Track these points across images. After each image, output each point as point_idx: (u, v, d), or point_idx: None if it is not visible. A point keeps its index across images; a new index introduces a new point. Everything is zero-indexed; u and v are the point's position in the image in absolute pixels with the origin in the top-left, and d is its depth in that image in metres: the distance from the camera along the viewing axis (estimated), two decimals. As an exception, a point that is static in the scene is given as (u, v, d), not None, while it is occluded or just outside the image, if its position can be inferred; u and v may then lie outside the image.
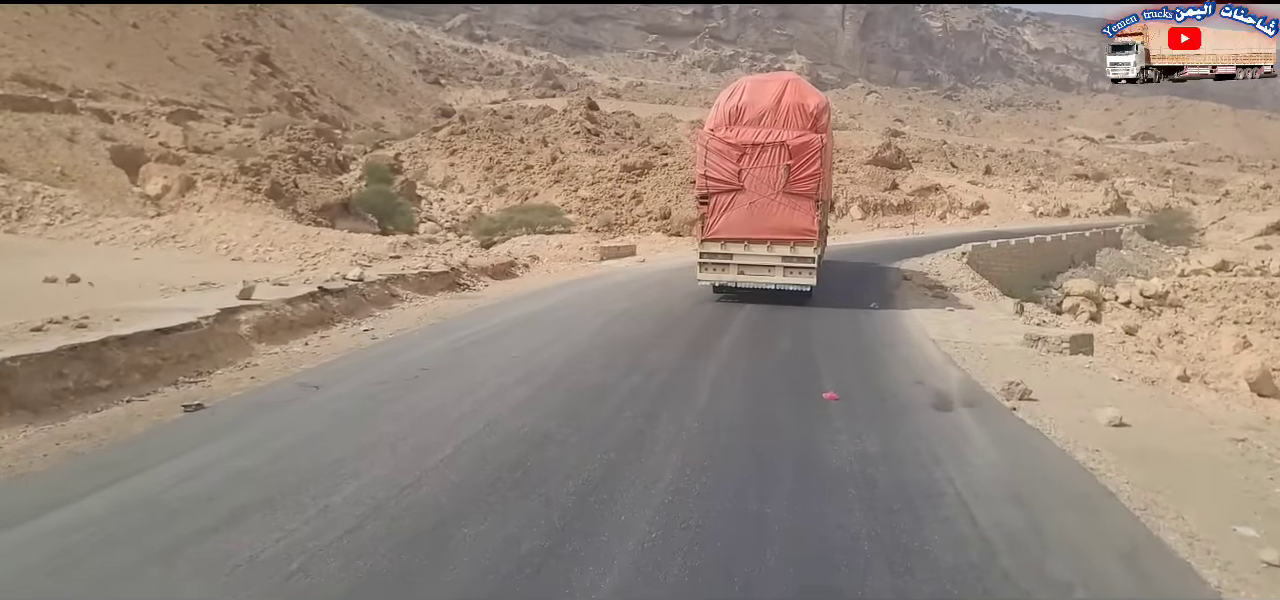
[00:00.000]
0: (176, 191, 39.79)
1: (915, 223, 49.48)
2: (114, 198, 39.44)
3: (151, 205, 37.93)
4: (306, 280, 14.41)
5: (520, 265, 22.16)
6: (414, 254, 20.14)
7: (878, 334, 14.13)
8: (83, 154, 40.85)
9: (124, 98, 52.78)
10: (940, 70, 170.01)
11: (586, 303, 16.53)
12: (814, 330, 14.23)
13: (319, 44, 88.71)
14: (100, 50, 58.14)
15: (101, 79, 53.91)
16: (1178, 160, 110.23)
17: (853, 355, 12.34)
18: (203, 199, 39.00)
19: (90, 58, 56.23)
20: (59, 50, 54.26)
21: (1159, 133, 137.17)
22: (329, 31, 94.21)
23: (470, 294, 17.53)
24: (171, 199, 39.34)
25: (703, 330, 13.87)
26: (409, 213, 44.62)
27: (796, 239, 15.98)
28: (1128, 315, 35.54)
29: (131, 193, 39.72)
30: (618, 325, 13.87)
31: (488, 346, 11.94)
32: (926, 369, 11.32)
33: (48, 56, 52.26)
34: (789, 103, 15.88)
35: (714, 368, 10.88)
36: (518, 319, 14.48)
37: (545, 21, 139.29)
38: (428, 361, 10.71)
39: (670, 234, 41.27)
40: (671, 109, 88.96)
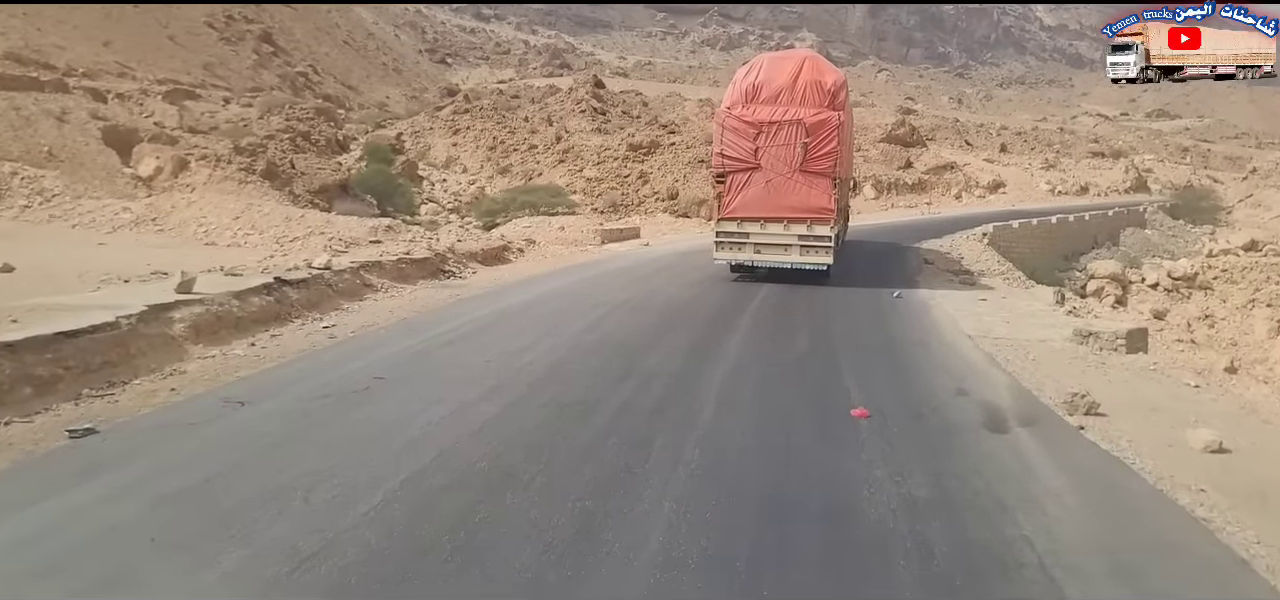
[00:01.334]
0: (169, 173, 38.24)
1: (930, 202, 47.67)
2: (103, 179, 37.90)
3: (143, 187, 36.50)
4: (266, 269, 12.81)
5: (514, 250, 20.53)
6: (397, 238, 18.50)
7: (906, 328, 12.47)
8: (73, 134, 39.27)
9: (120, 77, 51.21)
10: (951, 48, 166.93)
11: (581, 292, 14.86)
12: (834, 323, 12.59)
13: (324, 23, 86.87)
14: (97, 28, 56.51)
15: (97, 58, 52.31)
16: (1193, 137, 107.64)
17: (880, 355, 10.67)
18: (196, 180, 37.52)
19: (87, 36, 54.62)
20: (54, 28, 52.67)
21: (1173, 110, 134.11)
22: (334, 10, 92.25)
23: (454, 283, 15.90)
24: (164, 180, 37.81)
25: (710, 324, 12.22)
26: (409, 194, 43.08)
27: (813, 218, 15.58)
28: (1155, 298, 33.68)
29: (122, 174, 38.17)
30: (613, 320, 12.21)
31: (460, 348, 10.29)
32: (967, 373, 9.64)
33: (42, 35, 50.66)
34: (806, 80, 15.50)
35: (721, 374, 9.22)
36: (501, 312, 12.83)
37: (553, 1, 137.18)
38: (386, 367, 9.08)
39: (677, 214, 39.59)
40: (680, 87, 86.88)
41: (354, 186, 41.74)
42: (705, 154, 46.66)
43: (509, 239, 21.24)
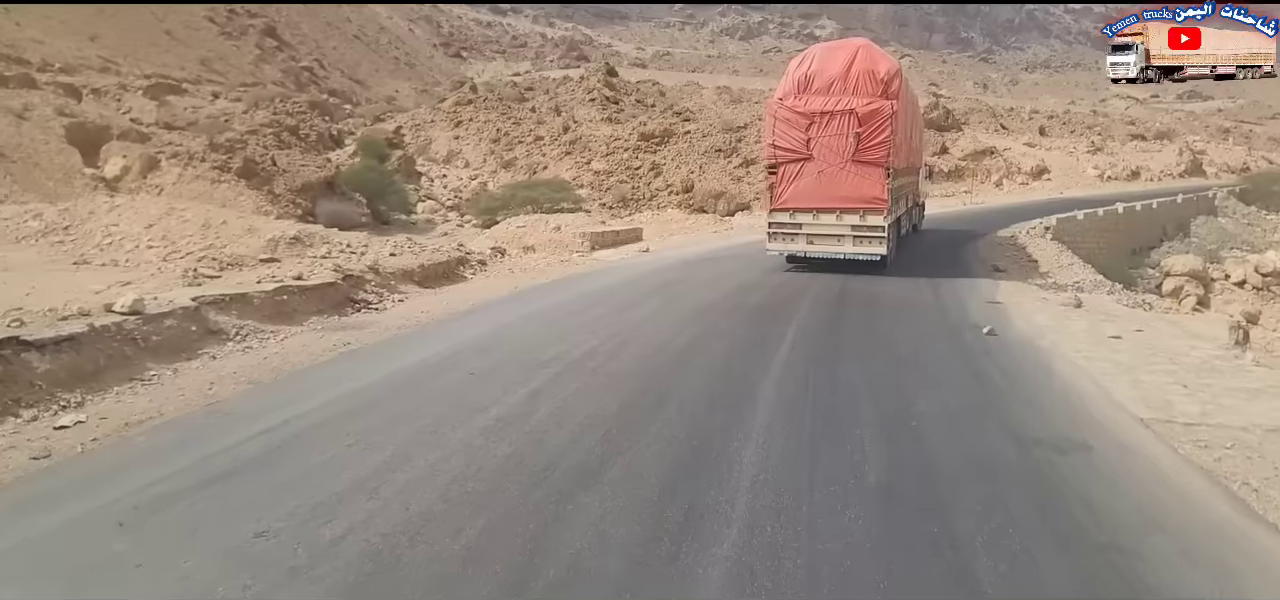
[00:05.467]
0: (138, 172, 34.06)
1: (969, 190, 42.36)
2: (61, 179, 33.78)
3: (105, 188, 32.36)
4: (67, 310, 8.02)
5: (473, 263, 15.62)
6: (310, 251, 13.62)
7: (1033, 409, 7.29)
8: (31, 132, 35.08)
9: (102, 72, 46.86)
10: (974, 33, 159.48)
11: (523, 342, 9.76)
12: (912, 399, 7.47)
13: (333, 16, 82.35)
14: (84, 23, 52.20)
15: (79, 53, 48.00)
16: (1230, 118, 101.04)
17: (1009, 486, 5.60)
18: (165, 180, 33.32)
19: (71, 31, 50.33)
20: (37, 23, 48.44)
21: (1205, 91, 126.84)
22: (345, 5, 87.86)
23: (358, 322, 10.98)
24: (131, 180, 33.69)
25: (708, 409, 7.16)
26: (403, 191, 38.56)
27: (866, 207, 14.80)
28: (1243, 297, 28.35)
29: (82, 174, 34.00)
30: (542, 413, 6.99)
31: (204, 510, 5.26)
32: (1194, 541, 4.66)
33: (21, 29, 46.45)
34: (859, 69, 14.83)
35: (726, 561, 4.31)
36: (366, 396, 7.53)
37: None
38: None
39: (692, 209, 34.63)
40: (698, 77, 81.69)
41: (341, 184, 37.24)
42: (723, 143, 41.77)
43: (469, 251, 16.25)
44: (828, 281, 14.95)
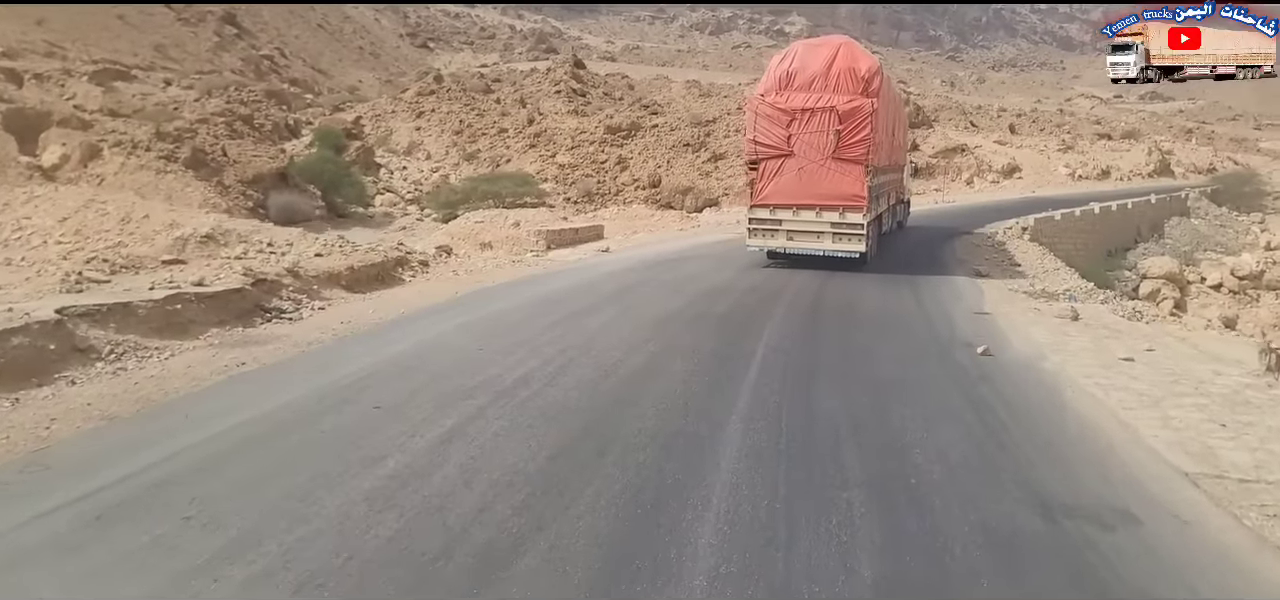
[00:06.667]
0: (78, 161, 31.98)
1: (940, 189, 41.29)
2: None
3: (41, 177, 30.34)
4: None
5: (413, 264, 14.08)
6: (225, 251, 12.04)
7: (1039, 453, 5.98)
8: (-41, 117, 32.90)
9: (47, 57, 44.52)
10: (942, 31, 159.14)
11: (450, 362, 8.17)
12: (906, 444, 6.07)
13: (297, 5, 79.91)
14: (32, 8, 49.62)
15: (23, 36, 45.67)
16: (1191, 119, 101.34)
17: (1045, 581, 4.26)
18: (107, 169, 31.38)
19: (15, 14, 47.83)
20: (-24, 6, 45.96)
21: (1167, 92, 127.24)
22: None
23: (265, 333, 9.42)
24: (71, 169, 31.57)
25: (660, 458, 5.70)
26: (360, 183, 36.85)
27: (846, 205, 14.67)
28: (1221, 301, 27.44)
29: (16, 162, 31.91)
30: (452, 466, 5.47)
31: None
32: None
33: (-41, 14, 44.05)
34: (840, 67, 14.69)
35: None
36: (237, 438, 5.94)
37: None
38: None
39: (659, 205, 33.20)
40: (668, 71, 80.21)
41: (295, 176, 35.46)
42: (691, 137, 40.36)
43: (409, 251, 14.68)
44: (802, 284, 13.64)
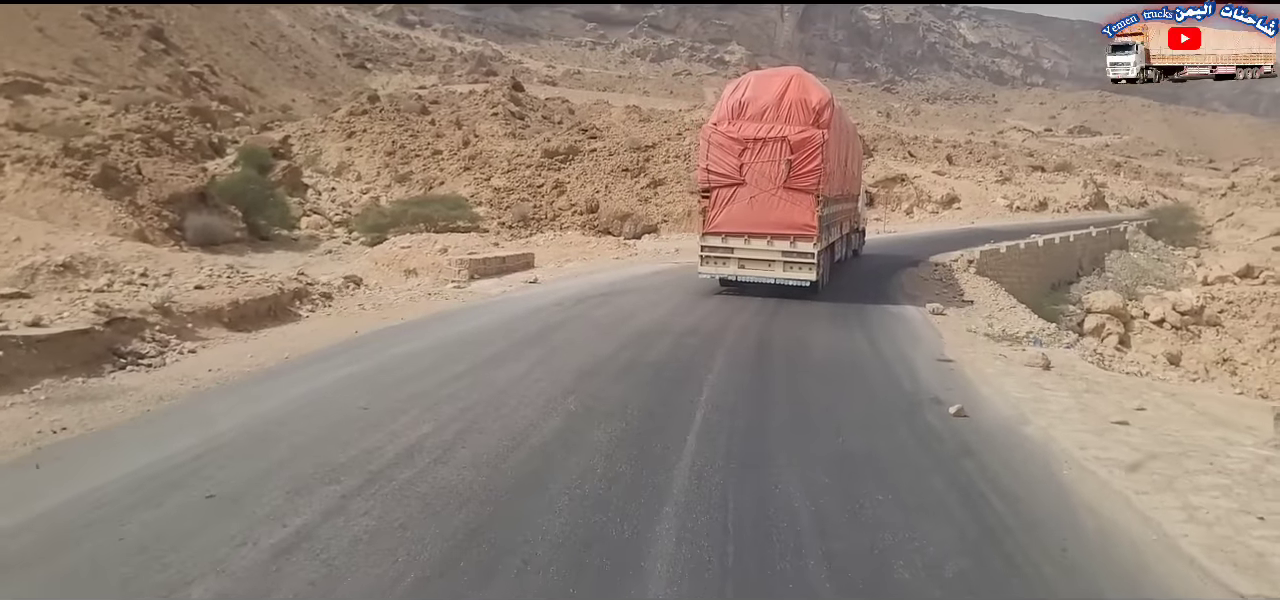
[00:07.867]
0: (-27, 179, 29.32)
1: (880, 218, 40.58)
2: (-125, 186, 29.15)
3: (-70, 196, 27.84)
4: None
5: (314, 297, 12.44)
6: (85, 282, 10.29)
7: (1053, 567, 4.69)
8: None
9: (-50, 68, 41.59)
10: (878, 63, 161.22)
11: (323, 426, 6.62)
12: (885, 553, 4.71)
13: (230, 22, 76.93)
14: (-60, 19, 46.51)
15: (-76, 45, 42.58)
16: (1116, 153, 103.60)
17: None
18: (8, 186, 28.81)
19: (-78, 25, 44.73)
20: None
21: (1093, 126, 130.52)
22: (243, 10, 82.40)
23: (113, 385, 7.74)
24: (-36, 188, 28.96)
25: (567, 583, 4.35)
26: (284, 205, 34.62)
27: (797, 234, 14.60)
28: (1163, 337, 26.96)
29: (-98, 181, 29.38)
30: (281, 596, 4.12)
31: None
32: None
33: None
34: (792, 98, 14.71)
35: None
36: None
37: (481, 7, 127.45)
38: None
39: (597, 231, 31.82)
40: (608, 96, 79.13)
41: (215, 196, 33.22)
42: (630, 162, 39.10)
43: (310, 281, 13.02)
44: (747, 320, 12.40)
